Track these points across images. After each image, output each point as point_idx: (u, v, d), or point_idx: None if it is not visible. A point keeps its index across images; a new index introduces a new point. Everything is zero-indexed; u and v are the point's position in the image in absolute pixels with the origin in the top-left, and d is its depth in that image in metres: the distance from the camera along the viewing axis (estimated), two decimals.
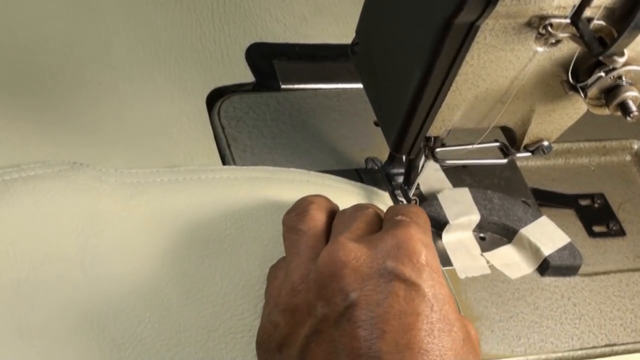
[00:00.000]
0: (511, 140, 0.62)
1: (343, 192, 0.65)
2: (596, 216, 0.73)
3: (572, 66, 0.54)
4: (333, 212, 0.57)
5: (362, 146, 0.71)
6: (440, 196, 0.68)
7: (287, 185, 0.63)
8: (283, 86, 0.75)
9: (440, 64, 0.52)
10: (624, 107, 0.53)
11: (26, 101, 0.66)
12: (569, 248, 0.67)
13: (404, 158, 0.66)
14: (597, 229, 0.73)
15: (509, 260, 0.67)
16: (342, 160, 0.70)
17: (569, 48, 0.54)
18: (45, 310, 0.54)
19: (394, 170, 0.68)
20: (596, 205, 0.74)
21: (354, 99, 0.74)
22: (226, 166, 0.66)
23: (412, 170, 0.65)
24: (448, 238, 0.67)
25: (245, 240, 0.59)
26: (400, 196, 0.66)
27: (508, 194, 0.70)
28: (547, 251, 0.67)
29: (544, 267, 0.67)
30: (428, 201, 0.68)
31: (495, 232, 0.69)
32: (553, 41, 0.52)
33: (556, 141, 0.62)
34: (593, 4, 0.49)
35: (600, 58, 0.51)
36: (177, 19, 0.75)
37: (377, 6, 0.59)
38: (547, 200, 0.73)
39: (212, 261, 0.58)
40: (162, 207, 0.59)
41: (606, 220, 0.73)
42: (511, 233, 0.68)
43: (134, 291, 0.55)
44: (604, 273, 0.69)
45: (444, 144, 0.62)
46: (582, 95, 0.54)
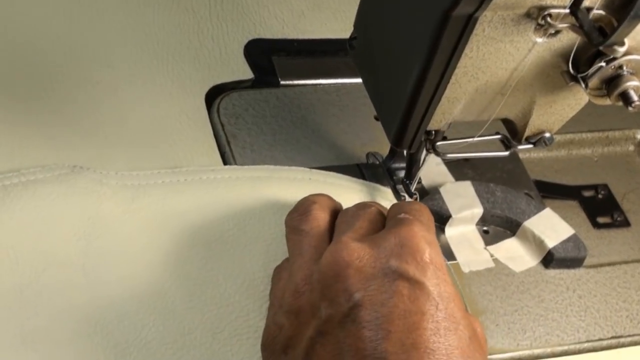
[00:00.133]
0: (512, 132, 0.62)
1: (346, 190, 0.64)
2: (600, 207, 0.73)
3: (572, 57, 0.54)
4: (336, 211, 0.57)
5: (363, 141, 0.71)
6: (442, 190, 0.68)
7: (289, 184, 0.63)
8: (282, 82, 0.74)
9: (439, 57, 0.52)
10: (626, 97, 0.53)
11: (24, 102, 0.65)
12: (573, 240, 0.67)
13: (405, 152, 0.65)
14: (601, 220, 0.72)
15: (513, 253, 0.67)
16: (343, 155, 0.70)
17: (569, 38, 0.53)
18: (48, 315, 0.53)
19: (396, 164, 0.68)
20: (600, 196, 0.74)
21: (354, 94, 0.74)
22: (227, 166, 0.65)
23: (413, 164, 0.65)
24: (451, 232, 0.67)
25: (248, 240, 0.59)
26: (402, 191, 0.66)
27: (511, 187, 0.70)
28: (551, 243, 0.66)
29: (549, 260, 0.67)
30: (430, 195, 0.68)
31: (498, 225, 0.68)
32: (552, 32, 0.52)
33: (558, 132, 0.62)
34: None
35: (600, 48, 0.51)
36: (175, 17, 0.74)
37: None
38: (551, 192, 0.73)
39: (216, 262, 0.58)
40: (164, 209, 0.59)
41: (610, 211, 0.73)
42: (515, 226, 0.68)
43: (137, 295, 0.55)
44: (609, 264, 0.68)
45: (445, 138, 0.62)
46: (583, 85, 0.54)
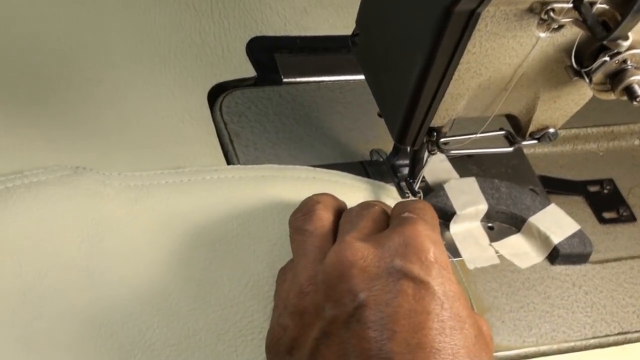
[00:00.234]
0: (517, 128, 0.62)
1: (350, 189, 0.64)
2: (606, 202, 0.73)
3: (576, 51, 0.53)
4: (340, 210, 0.56)
5: (367, 138, 0.71)
6: (447, 186, 0.67)
7: (293, 183, 0.63)
8: (285, 80, 0.74)
9: (441, 53, 0.52)
10: (630, 92, 0.53)
11: (26, 103, 0.65)
12: (579, 235, 0.67)
13: (409, 149, 0.65)
14: (607, 215, 0.72)
15: (518, 249, 0.67)
16: (347, 152, 0.70)
17: (572, 33, 0.53)
18: (51, 317, 0.53)
19: (400, 161, 0.67)
20: (605, 191, 0.74)
21: (357, 91, 0.74)
22: (231, 166, 0.65)
23: (417, 162, 0.64)
24: (456, 229, 0.67)
25: (252, 240, 0.59)
26: (406, 189, 0.66)
27: (515, 183, 0.70)
28: (557, 239, 0.66)
29: (554, 256, 0.66)
30: (435, 192, 0.67)
31: (503, 222, 0.68)
32: (556, 26, 0.52)
33: (563, 127, 0.62)
34: None
35: (604, 42, 0.50)
36: (176, 15, 0.74)
37: None
38: (556, 187, 0.73)
39: (220, 263, 0.57)
40: (168, 210, 0.59)
41: (616, 206, 0.73)
42: (520, 222, 0.68)
43: (141, 296, 0.55)
44: (615, 260, 0.68)
45: (449, 134, 0.62)
46: (587, 80, 0.54)
